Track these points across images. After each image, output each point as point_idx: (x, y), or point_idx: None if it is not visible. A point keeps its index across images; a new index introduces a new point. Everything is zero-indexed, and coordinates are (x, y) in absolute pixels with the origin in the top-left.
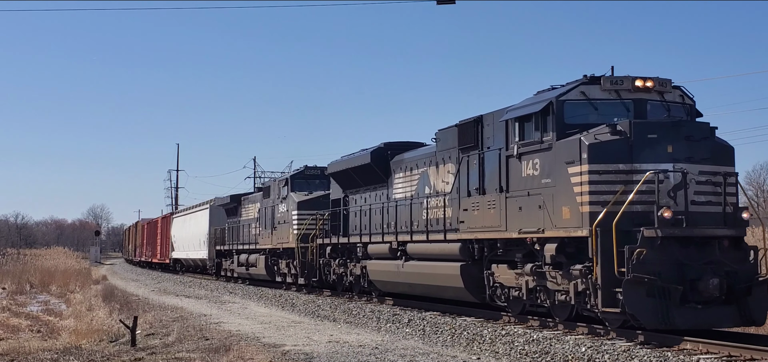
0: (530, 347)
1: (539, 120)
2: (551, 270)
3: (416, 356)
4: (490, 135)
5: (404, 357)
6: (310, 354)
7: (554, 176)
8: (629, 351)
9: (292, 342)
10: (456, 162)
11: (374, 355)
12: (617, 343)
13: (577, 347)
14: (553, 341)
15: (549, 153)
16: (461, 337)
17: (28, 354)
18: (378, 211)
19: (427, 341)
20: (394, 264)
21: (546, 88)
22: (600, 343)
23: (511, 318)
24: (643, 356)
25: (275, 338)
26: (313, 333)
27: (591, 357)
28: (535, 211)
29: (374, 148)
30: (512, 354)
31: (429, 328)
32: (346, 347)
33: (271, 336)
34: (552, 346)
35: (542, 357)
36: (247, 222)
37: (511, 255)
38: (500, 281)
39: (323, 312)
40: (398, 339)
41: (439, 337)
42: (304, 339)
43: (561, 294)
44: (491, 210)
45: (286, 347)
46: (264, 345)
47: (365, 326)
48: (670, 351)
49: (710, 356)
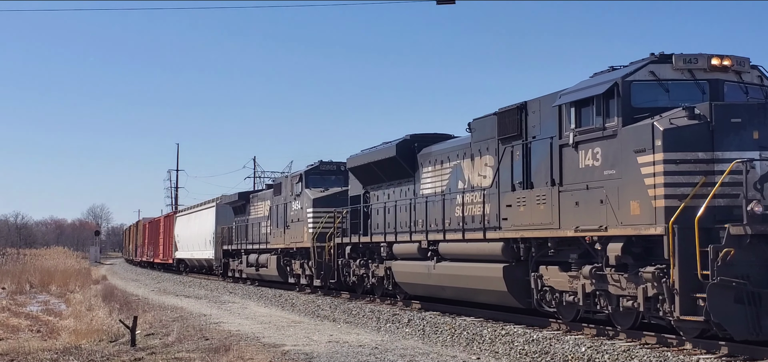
0: (530, 347)
1: (601, 104)
2: (614, 273)
3: (416, 356)
4: (537, 123)
5: (404, 357)
6: (310, 354)
7: (620, 167)
8: (629, 351)
9: (291, 342)
10: (495, 153)
11: (374, 355)
12: (617, 343)
13: (576, 347)
14: (552, 341)
15: (613, 141)
16: (461, 337)
17: (28, 354)
18: (404, 208)
19: (426, 341)
20: (423, 265)
21: (604, 70)
22: (600, 343)
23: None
24: (643, 356)
25: (275, 338)
26: (313, 333)
27: (591, 357)
28: (596, 207)
29: (400, 140)
30: (512, 354)
31: (429, 328)
32: (345, 347)
33: (271, 336)
34: (552, 346)
35: (542, 357)
36: (257, 220)
37: (563, 255)
38: (550, 284)
39: (323, 312)
40: (398, 339)
41: (438, 337)
42: (303, 339)
43: (626, 300)
44: (540, 206)
45: (286, 347)
46: (264, 345)
47: (365, 326)
48: (670, 352)
49: (710, 356)
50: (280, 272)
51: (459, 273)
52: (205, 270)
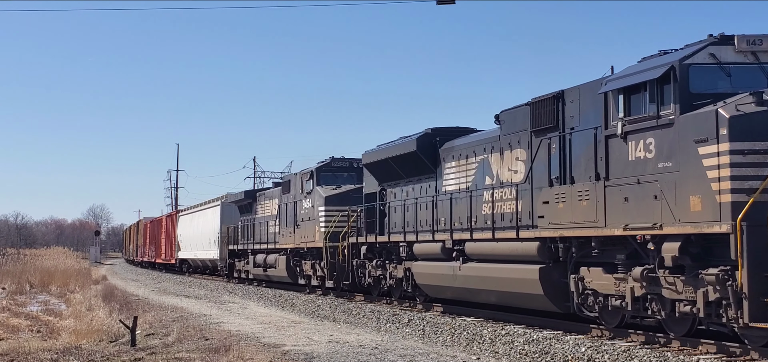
0: (530, 347)
1: (656, 89)
2: (669, 275)
3: (416, 356)
4: (575, 113)
5: (404, 357)
6: (310, 354)
7: (677, 158)
8: (629, 351)
9: (291, 342)
10: (527, 147)
11: (374, 355)
12: (617, 343)
13: (576, 347)
14: (552, 341)
15: (669, 130)
16: (461, 337)
17: (28, 354)
18: (425, 206)
19: (426, 341)
20: (448, 266)
21: (653, 54)
22: (600, 343)
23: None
24: (643, 356)
25: (275, 338)
26: (313, 333)
27: (591, 357)
28: (649, 202)
29: (420, 133)
30: (512, 354)
31: (429, 328)
32: (346, 347)
33: (271, 336)
34: (552, 346)
35: (542, 357)
36: (264, 219)
37: (609, 256)
38: (593, 287)
39: (323, 312)
40: (398, 339)
41: (438, 337)
42: (304, 339)
43: (683, 305)
44: (583, 203)
45: (286, 347)
46: (264, 345)
47: (365, 326)
48: (670, 352)
49: (710, 356)
50: (289, 273)
51: (488, 274)
52: (209, 270)
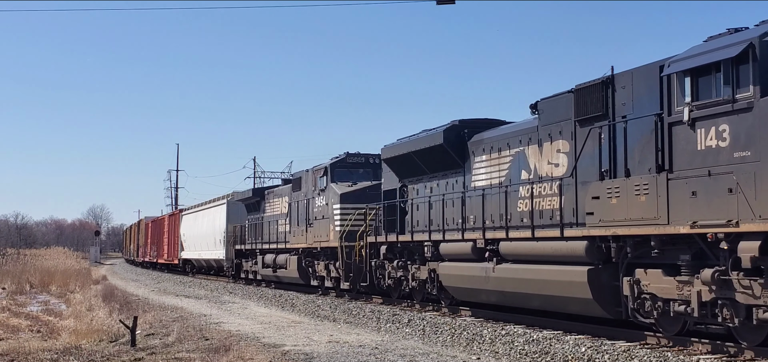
0: (530, 347)
1: (731, 70)
2: (744, 278)
3: (416, 356)
4: (628, 99)
5: (404, 357)
6: (310, 354)
7: (757, 147)
8: (629, 351)
9: (292, 342)
10: (571, 137)
11: (374, 355)
12: (617, 343)
13: (576, 347)
14: (552, 341)
15: (747, 115)
16: (461, 337)
17: (28, 354)
18: (452, 203)
19: (426, 341)
20: (479, 267)
21: (721, 33)
22: (600, 343)
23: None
24: (643, 356)
25: (275, 338)
26: (313, 333)
27: (591, 357)
28: (722, 197)
29: (447, 125)
30: (512, 354)
31: (429, 328)
32: (346, 347)
33: (271, 336)
34: (552, 346)
35: (542, 357)
36: (273, 218)
37: (670, 256)
38: (651, 291)
39: (323, 312)
40: (398, 339)
41: (438, 337)
42: (304, 339)
43: (763, 311)
44: (641, 198)
45: (286, 347)
46: (264, 345)
47: (365, 326)
48: (670, 352)
49: (710, 356)
50: (301, 274)
51: (527, 277)
52: (214, 271)
